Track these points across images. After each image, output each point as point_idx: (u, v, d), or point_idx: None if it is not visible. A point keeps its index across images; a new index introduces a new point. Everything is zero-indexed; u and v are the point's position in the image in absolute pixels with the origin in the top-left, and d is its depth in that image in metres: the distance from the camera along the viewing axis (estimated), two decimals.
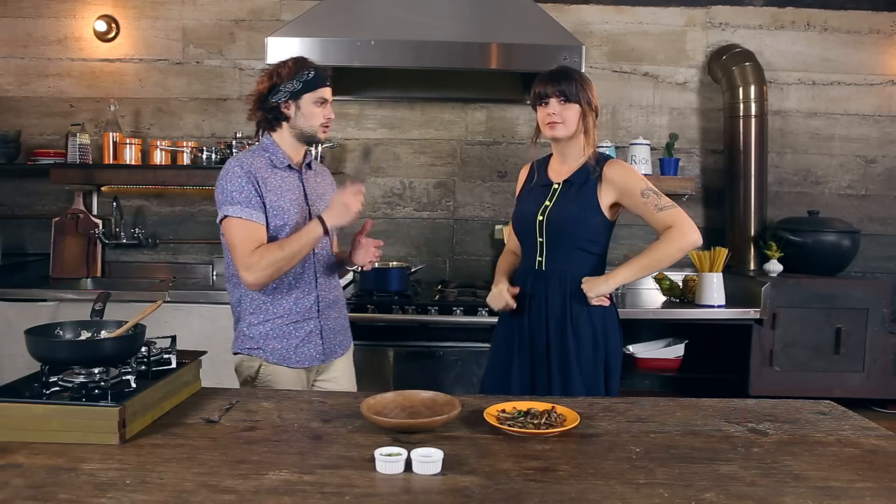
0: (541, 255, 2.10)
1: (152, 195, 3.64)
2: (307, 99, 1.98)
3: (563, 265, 2.07)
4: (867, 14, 3.61)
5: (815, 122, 3.66)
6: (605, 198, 2.04)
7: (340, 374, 2.18)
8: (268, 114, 1.99)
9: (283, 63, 2.00)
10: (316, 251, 2.06)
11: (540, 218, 2.07)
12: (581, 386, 2.01)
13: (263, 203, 1.94)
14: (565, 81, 2.02)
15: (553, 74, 2.06)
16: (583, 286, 2.02)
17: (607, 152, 3.34)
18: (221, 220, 1.93)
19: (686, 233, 1.94)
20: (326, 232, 1.93)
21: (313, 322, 2.06)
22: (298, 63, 1.99)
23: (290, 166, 2.04)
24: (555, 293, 2.06)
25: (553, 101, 2.02)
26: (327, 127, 2.06)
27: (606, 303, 2.05)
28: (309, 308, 2.05)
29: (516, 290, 2.11)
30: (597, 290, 2.00)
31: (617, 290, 2.26)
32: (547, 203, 2.08)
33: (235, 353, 2.06)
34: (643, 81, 3.63)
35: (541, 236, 2.08)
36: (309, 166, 2.14)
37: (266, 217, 1.94)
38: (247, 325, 2.03)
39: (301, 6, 3.42)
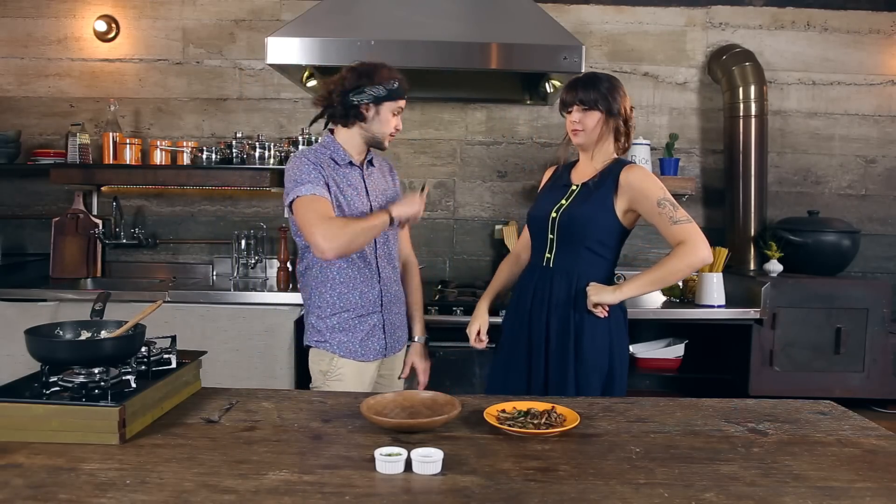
0: (550, 252, 2.10)
1: (152, 195, 3.64)
2: (387, 106, 2.03)
3: (571, 264, 2.06)
4: (867, 14, 3.61)
5: (815, 122, 3.66)
6: (620, 202, 2.03)
7: (398, 369, 2.26)
8: (343, 108, 2.02)
9: (374, 66, 2.04)
10: (378, 246, 2.12)
11: (554, 215, 2.08)
12: (573, 386, 2.01)
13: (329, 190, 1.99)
14: (585, 89, 2.04)
15: (575, 82, 2.09)
16: (588, 289, 2.01)
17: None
18: (291, 204, 1.95)
19: (696, 250, 1.92)
20: (392, 221, 1.99)
21: (377, 316, 2.11)
22: (388, 70, 2.04)
23: (351, 163, 2.08)
24: (560, 291, 2.05)
25: (575, 110, 2.06)
26: (394, 136, 2.11)
27: (602, 314, 2.01)
28: (373, 302, 2.10)
29: (485, 340, 2.20)
30: (600, 297, 1.99)
31: None
32: (563, 202, 2.09)
33: (307, 346, 2.13)
34: (643, 81, 3.63)
35: (552, 233, 2.09)
36: (371, 163, 2.18)
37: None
38: (315, 317, 2.09)
39: (301, 6, 3.42)
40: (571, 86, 2.07)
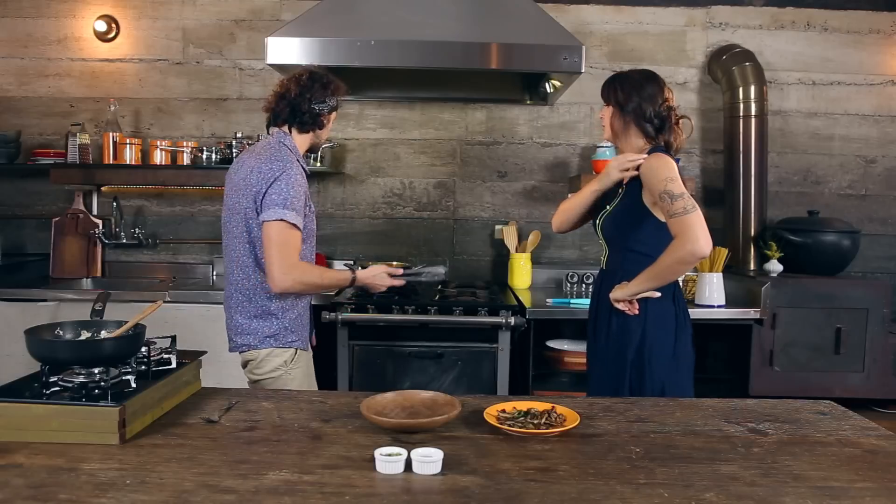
0: (603, 255, 2.19)
1: (152, 195, 3.64)
2: (334, 116, 2.21)
3: (619, 265, 2.10)
4: (867, 14, 3.61)
5: (815, 122, 3.66)
6: (647, 196, 2.01)
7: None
8: (305, 115, 2.11)
9: (333, 80, 2.16)
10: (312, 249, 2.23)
11: (597, 222, 2.17)
12: (598, 384, 2.09)
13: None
14: (604, 85, 2.12)
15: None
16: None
17: (607, 152, 3.36)
18: (274, 221, 1.99)
19: (684, 243, 1.86)
20: (352, 284, 2.22)
21: (308, 310, 2.27)
22: (335, 78, 2.17)
23: (303, 167, 2.18)
24: (609, 292, 2.08)
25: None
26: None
27: (626, 308, 2.02)
28: (309, 298, 2.27)
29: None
30: (613, 294, 2.03)
31: None
32: (608, 207, 2.13)
33: (266, 349, 2.14)
34: None
35: (601, 238, 2.18)
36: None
37: None
38: (287, 320, 2.15)
39: (301, 6, 3.42)
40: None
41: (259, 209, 2.03)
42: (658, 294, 2.00)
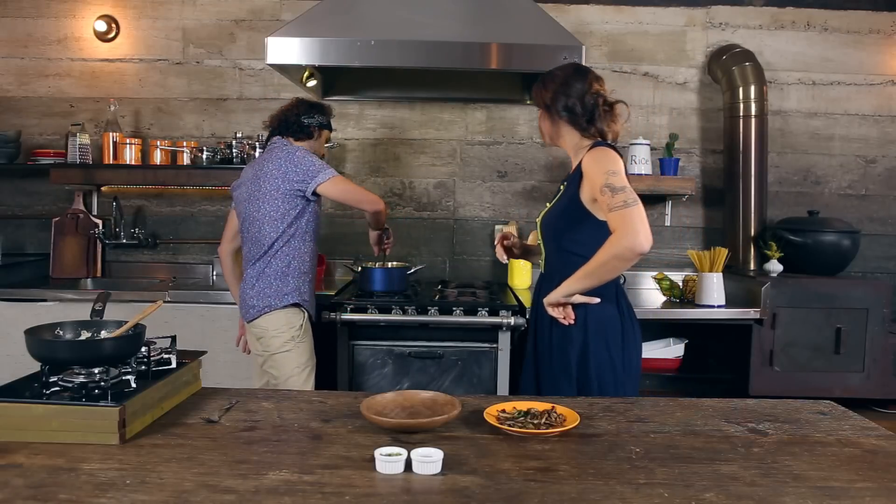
0: (542, 257, 2.10)
1: (152, 195, 3.64)
2: (325, 134, 2.67)
3: (555, 267, 2.01)
4: (867, 14, 3.61)
5: (815, 122, 3.66)
6: (585, 193, 1.90)
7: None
8: (297, 126, 2.55)
9: (326, 106, 2.67)
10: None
11: (537, 221, 2.10)
12: (545, 389, 1.98)
13: None
14: (532, 90, 2.05)
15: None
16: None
17: None
18: (328, 180, 2.43)
19: (619, 239, 1.74)
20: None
21: (313, 280, 2.61)
22: (327, 107, 2.68)
23: None
24: (546, 295, 1.97)
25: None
26: (325, 155, 2.88)
27: (560, 316, 1.90)
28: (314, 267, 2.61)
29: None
30: (547, 298, 1.91)
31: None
32: (548, 205, 2.07)
33: (283, 308, 2.44)
34: (643, 81, 3.63)
35: (539, 239, 2.09)
36: None
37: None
38: (300, 280, 2.48)
39: (301, 6, 3.42)
40: None
41: (302, 182, 2.42)
42: (597, 300, 1.88)
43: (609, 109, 1.97)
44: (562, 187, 2.04)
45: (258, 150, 3.30)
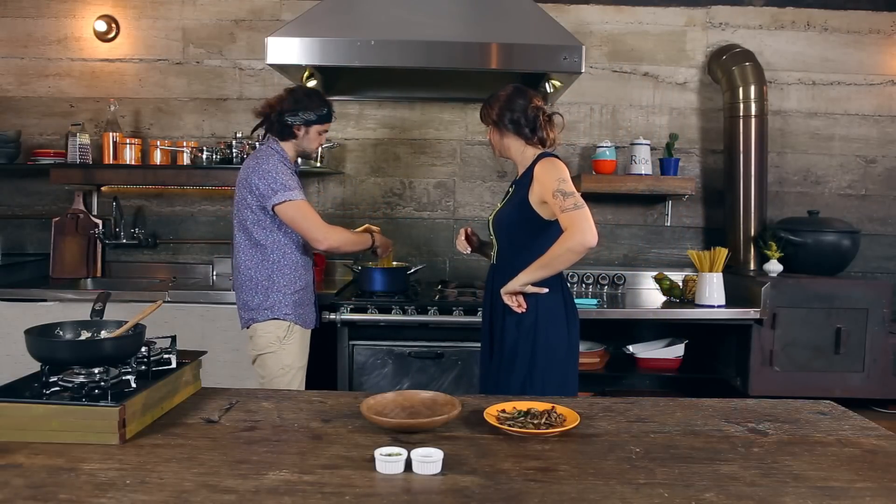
0: (494, 251, 2.34)
1: (152, 195, 3.64)
2: (316, 129, 2.44)
3: (508, 261, 2.24)
4: (867, 14, 3.61)
5: (815, 122, 3.66)
6: (534, 196, 2.15)
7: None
8: (279, 125, 2.40)
9: (308, 95, 2.44)
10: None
11: (489, 218, 2.35)
12: (494, 380, 2.22)
13: None
14: (480, 111, 2.29)
15: None
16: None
17: (607, 152, 3.37)
18: (282, 203, 2.30)
19: (573, 235, 2.00)
20: (372, 246, 2.60)
21: (313, 293, 2.55)
22: (319, 99, 2.44)
23: (288, 167, 2.43)
24: (499, 287, 2.20)
25: None
26: (321, 146, 2.66)
27: (514, 304, 2.15)
28: (311, 282, 2.52)
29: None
30: (505, 287, 2.15)
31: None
32: (499, 204, 2.33)
33: (265, 321, 2.39)
34: (643, 81, 3.63)
35: (492, 234, 2.34)
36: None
37: None
38: (281, 294, 2.39)
39: (301, 6, 3.42)
40: None
41: (263, 198, 2.31)
42: (545, 290, 2.15)
43: (548, 120, 2.25)
44: (510, 190, 2.31)
45: None
